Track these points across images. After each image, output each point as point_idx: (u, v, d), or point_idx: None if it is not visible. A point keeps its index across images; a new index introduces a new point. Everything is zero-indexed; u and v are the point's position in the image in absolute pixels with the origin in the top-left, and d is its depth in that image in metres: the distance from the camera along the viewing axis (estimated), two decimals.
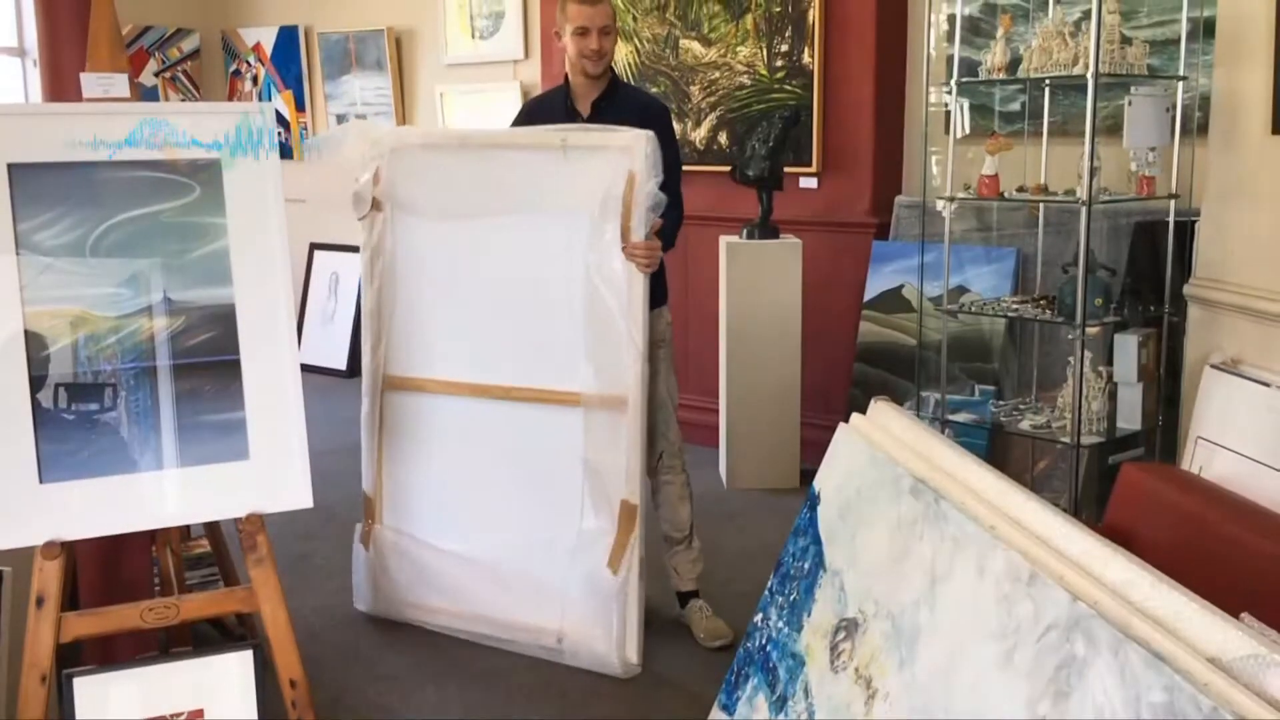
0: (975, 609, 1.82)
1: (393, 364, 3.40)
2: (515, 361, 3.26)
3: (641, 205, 3.01)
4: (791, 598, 2.42)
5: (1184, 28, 3.57)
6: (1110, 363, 3.59)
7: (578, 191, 3.10)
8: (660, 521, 3.44)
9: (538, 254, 3.21)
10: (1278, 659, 1.35)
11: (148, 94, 7.15)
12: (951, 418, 3.93)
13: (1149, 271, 3.74)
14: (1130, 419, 3.57)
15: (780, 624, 2.43)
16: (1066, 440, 3.52)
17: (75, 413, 2.38)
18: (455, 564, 3.36)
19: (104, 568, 2.78)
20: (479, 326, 3.30)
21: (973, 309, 3.87)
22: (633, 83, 5.45)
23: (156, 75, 7.33)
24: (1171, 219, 3.56)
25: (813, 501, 2.49)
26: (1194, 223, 3.40)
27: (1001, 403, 4.00)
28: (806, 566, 2.41)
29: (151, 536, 2.90)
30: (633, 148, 3.02)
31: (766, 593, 2.54)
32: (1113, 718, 1.46)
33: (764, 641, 2.46)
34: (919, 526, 2.07)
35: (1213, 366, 3.07)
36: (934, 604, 1.93)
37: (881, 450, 2.32)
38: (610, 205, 3.04)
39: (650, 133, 3.03)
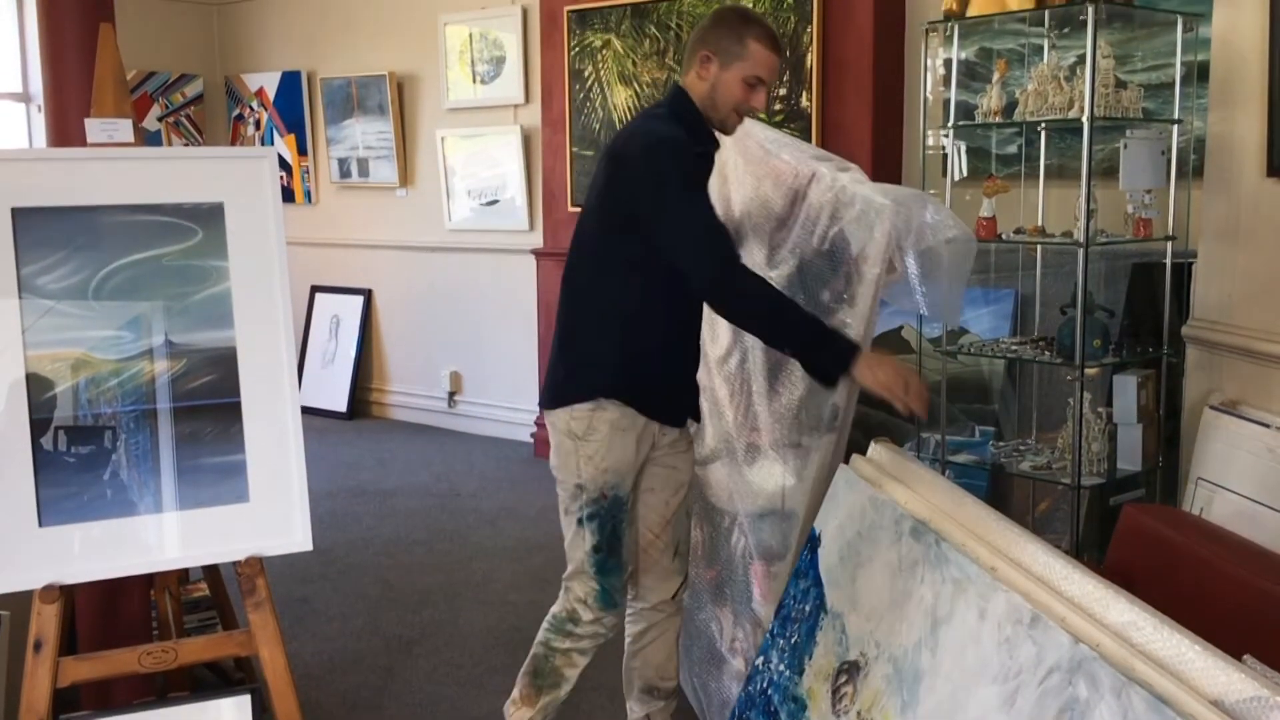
0: (977, 651, 1.81)
1: None
2: None
3: None
4: (793, 640, 2.41)
5: (1178, 72, 3.60)
6: (1110, 404, 3.59)
7: None
8: (644, 668, 2.80)
9: None
10: None
11: (151, 138, 7.22)
12: (952, 459, 3.92)
13: (1147, 313, 3.75)
14: (1131, 460, 3.57)
15: (782, 667, 2.41)
16: (1067, 481, 3.51)
17: (75, 455, 2.38)
18: None
19: (102, 611, 2.77)
20: None
21: (972, 350, 3.88)
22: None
23: (160, 120, 7.40)
24: (1169, 260, 3.58)
25: (813, 543, 2.49)
26: (1191, 264, 3.42)
27: (1002, 444, 4.00)
28: (808, 609, 2.40)
29: (150, 580, 2.89)
30: None
31: (768, 635, 2.53)
32: None
33: (765, 685, 2.45)
34: (920, 569, 2.06)
35: (1212, 407, 3.07)
36: (935, 646, 1.92)
37: (882, 492, 2.32)
38: None
39: None
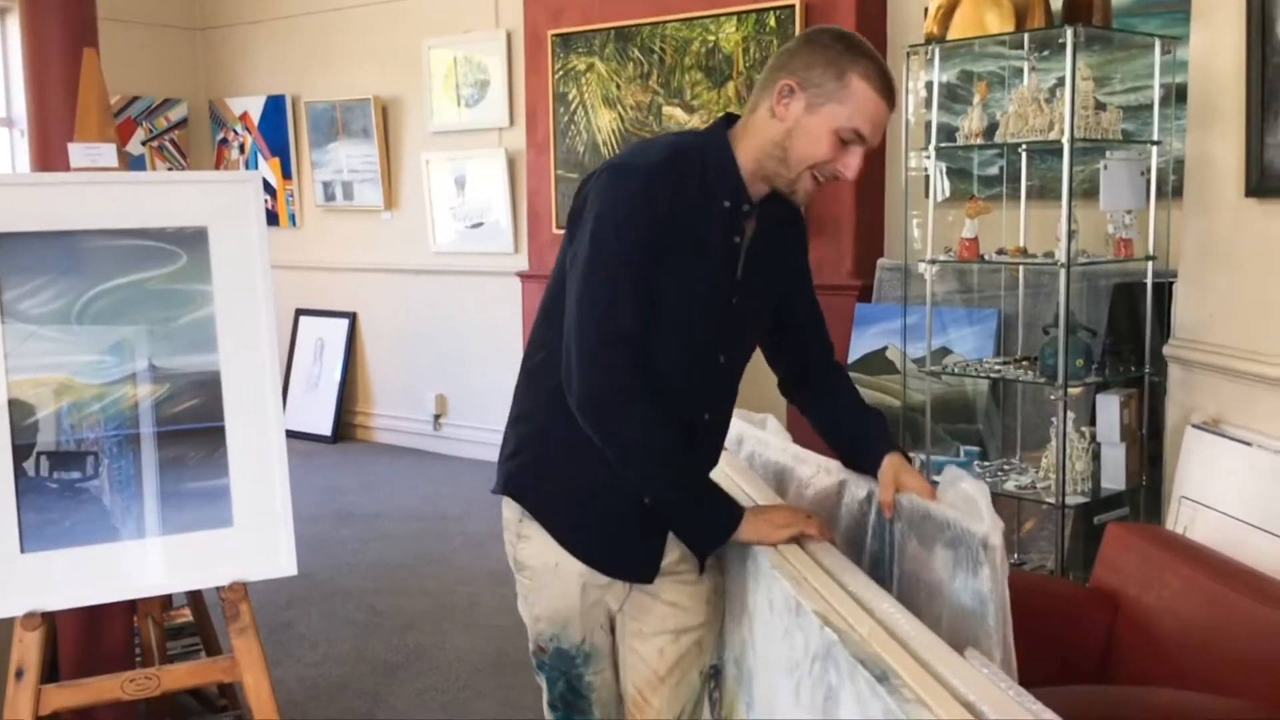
0: (774, 645, 1.74)
1: None
2: None
3: None
4: None
5: (1156, 94, 3.64)
6: (1093, 423, 3.61)
7: None
8: None
9: None
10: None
11: (135, 162, 7.21)
12: (936, 479, 3.92)
13: (1129, 332, 3.78)
14: (1114, 479, 3.58)
15: None
16: (1052, 501, 3.53)
17: (57, 481, 2.36)
18: None
19: (84, 638, 2.75)
20: None
21: (955, 370, 3.90)
22: (616, 149, 5.52)
23: (144, 144, 7.39)
24: (1149, 280, 3.60)
25: None
26: (1172, 284, 3.44)
27: (986, 463, 4.01)
28: None
29: (133, 606, 2.88)
30: None
31: None
32: None
33: None
34: (735, 563, 1.99)
35: (1194, 426, 3.08)
36: (754, 643, 1.86)
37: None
38: None
39: None
